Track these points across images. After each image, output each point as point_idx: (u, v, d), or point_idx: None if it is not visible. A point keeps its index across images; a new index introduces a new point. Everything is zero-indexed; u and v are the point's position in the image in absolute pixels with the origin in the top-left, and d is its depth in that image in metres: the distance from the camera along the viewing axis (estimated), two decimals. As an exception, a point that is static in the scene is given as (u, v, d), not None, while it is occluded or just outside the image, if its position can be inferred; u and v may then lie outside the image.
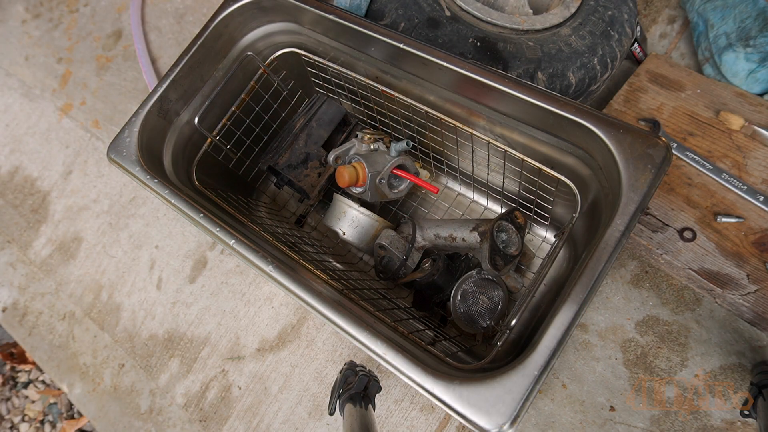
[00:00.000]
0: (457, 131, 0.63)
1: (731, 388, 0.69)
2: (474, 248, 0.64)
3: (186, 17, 1.16)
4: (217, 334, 0.87)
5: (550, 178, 0.58)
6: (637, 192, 0.48)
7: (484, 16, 0.68)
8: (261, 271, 0.55)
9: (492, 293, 0.63)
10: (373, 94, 0.69)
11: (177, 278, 0.93)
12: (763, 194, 0.70)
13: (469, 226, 0.64)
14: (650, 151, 0.49)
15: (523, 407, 0.42)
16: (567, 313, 0.45)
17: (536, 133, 0.59)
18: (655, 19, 0.93)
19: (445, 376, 0.45)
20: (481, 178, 0.72)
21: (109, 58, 1.17)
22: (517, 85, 0.55)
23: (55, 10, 1.28)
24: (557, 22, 0.69)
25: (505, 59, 0.65)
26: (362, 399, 0.69)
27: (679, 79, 0.81)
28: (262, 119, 0.75)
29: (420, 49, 0.59)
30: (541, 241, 0.75)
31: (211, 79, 0.72)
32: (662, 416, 0.69)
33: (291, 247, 0.62)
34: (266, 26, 0.73)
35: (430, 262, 0.68)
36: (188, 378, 0.87)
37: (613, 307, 0.75)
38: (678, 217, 0.71)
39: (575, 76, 0.67)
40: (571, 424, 0.71)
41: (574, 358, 0.74)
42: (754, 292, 0.66)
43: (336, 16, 0.63)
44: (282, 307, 0.86)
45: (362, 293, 0.61)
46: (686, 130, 0.77)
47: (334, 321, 0.50)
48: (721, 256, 0.68)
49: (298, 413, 0.80)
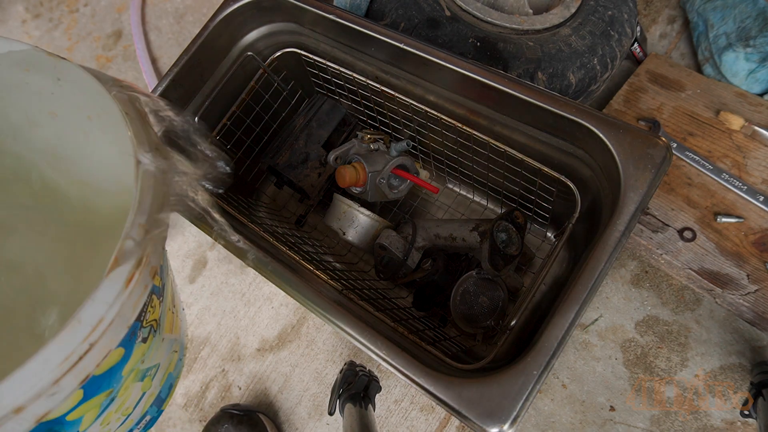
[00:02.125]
0: (457, 131, 0.63)
1: (731, 388, 0.69)
2: (474, 248, 0.64)
3: (186, 17, 1.16)
4: (217, 334, 0.87)
5: (549, 178, 0.58)
6: (637, 192, 0.48)
7: (484, 16, 0.68)
8: (260, 271, 0.55)
9: (492, 293, 0.63)
10: (373, 94, 0.69)
11: (177, 278, 0.93)
12: (763, 194, 0.70)
13: (469, 226, 0.64)
14: (650, 151, 0.49)
15: (523, 407, 0.42)
16: (567, 313, 0.45)
17: (536, 133, 0.59)
18: (655, 19, 0.93)
19: (445, 376, 0.45)
20: (481, 178, 0.72)
21: (109, 58, 1.17)
22: (517, 85, 0.55)
23: (55, 10, 1.28)
24: (557, 22, 0.69)
25: (505, 59, 0.65)
26: (362, 399, 0.69)
27: (679, 79, 0.81)
28: (262, 119, 0.75)
29: (420, 48, 0.59)
30: (541, 241, 0.75)
31: (211, 79, 0.72)
32: (662, 416, 0.69)
33: (291, 247, 0.62)
34: (266, 26, 0.73)
35: (430, 262, 0.68)
36: (188, 378, 0.87)
37: (613, 307, 0.75)
38: (678, 217, 0.71)
39: (575, 76, 0.67)
40: (571, 424, 0.71)
41: (574, 358, 0.74)
42: (754, 292, 0.66)
43: (336, 16, 0.63)
44: (282, 307, 0.86)
45: (362, 293, 0.61)
46: (686, 130, 0.77)
47: (334, 321, 0.50)
48: (721, 256, 0.68)
49: (298, 413, 0.80)
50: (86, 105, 0.33)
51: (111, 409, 0.28)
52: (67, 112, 0.34)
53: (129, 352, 0.28)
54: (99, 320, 0.23)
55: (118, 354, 0.26)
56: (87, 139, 0.35)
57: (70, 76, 0.32)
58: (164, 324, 0.34)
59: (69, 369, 0.22)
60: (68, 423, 0.25)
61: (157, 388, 0.34)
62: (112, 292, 0.24)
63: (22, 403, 0.20)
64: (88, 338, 0.22)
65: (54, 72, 0.32)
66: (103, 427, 0.28)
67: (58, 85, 0.32)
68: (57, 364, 0.21)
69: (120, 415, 0.29)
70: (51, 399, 0.21)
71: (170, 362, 0.36)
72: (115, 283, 0.24)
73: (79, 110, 0.33)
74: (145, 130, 0.30)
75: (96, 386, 0.25)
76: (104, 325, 0.23)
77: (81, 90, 0.32)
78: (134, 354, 0.28)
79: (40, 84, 0.33)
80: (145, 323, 0.29)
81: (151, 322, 0.30)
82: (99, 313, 0.23)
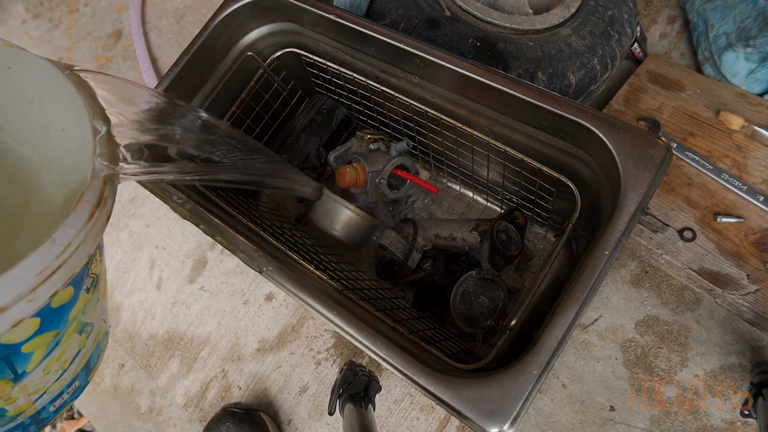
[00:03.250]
0: (457, 131, 0.63)
1: (731, 388, 0.69)
2: (474, 248, 0.64)
3: (186, 17, 1.16)
4: (217, 334, 0.87)
5: (550, 178, 0.59)
6: (637, 192, 0.48)
7: (484, 16, 0.68)
8: (261, 273, 0.55)
9: (492, 293, 0.63)
10: (373, 94, 0.69)
11: (177, 278, 0.93)
12: (763, 194, 0.70)
13: (469, 226, 0.64)
14: (650, 151, 0.49)
15: (523, 407, 0.42)
16: (567, 313, 0.45)
17: (536, 133, 0.59)
18: (655, 19, 0.93)
19: (445, 376, 0.45)
20: (481, 178, 0.72)
21: (109, 58, 1.17)
22: (517, 85, 0.55)
23: (55, 10, 1.28)
24: (557, 22, 0.69)
25: (505, 59, 0.65)
26: (362, 399, 0.69)
27: (679, 79, 0.81)
28: (262, 119, 0.75)
29: (420, 48, 0.59)
30: (541, 241, 0.75)
31: (211, 79, 0.72)
32: (662, 416, 0.69)
33: (291, 247, 0.62)
34: (266, 26, 0.73)
35: (430, 262, 0.68)
36: (188, 378, 0.87)
37: (613, 307, 0.75)
38: (678, 217, 0.71)
39: (575, 76, 0.67)
40: (571, 424, 0.71)
41: (574, 358, 0.74)
42: (754, 292, 0.66)
43: (336, 16, 0.63)
44: (282, 307, 0.86)
45: (362, 293, 0.61)
46: (686, 130, 0.77)
47: (334, 321, 0.50)
48: (721, 256, 0.68)
49: (298, 413, 0.80)
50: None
51: (54, 356, 0.31)
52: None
53: (77, 295, 0.31)
54: (68, 243, 0.26)
55: (69, 293, 0.30)
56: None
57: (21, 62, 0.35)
58: (101, 284, 0.37)
59: (43, 281, 0.25)
60: (22, 355, 0.28)
61: (89, 350, 0.37)
62: (79, 222, 0.27)
63: (5, 303, 0.23)
64: (60, 257, 0.26)
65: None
66: (44, 375, 0.31)
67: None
68: (36, 273, 0.25)
69: (58, 367, 0.32)
70: (28, 305, 0.24)
71: (101, 329, 0.39)
72: (82, 214, 0.27)
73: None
74: (96, 104, 0.34)
75: (49, 320, 0.29)
76: (70, 251, 0.26)
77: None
78: (80, 300, 0.32)
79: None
80: (90, 273, 0.33)
81: (93, 275, 0.34)
82: (69, 237, 0.26)
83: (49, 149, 0.37)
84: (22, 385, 0.30)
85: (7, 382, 0.28)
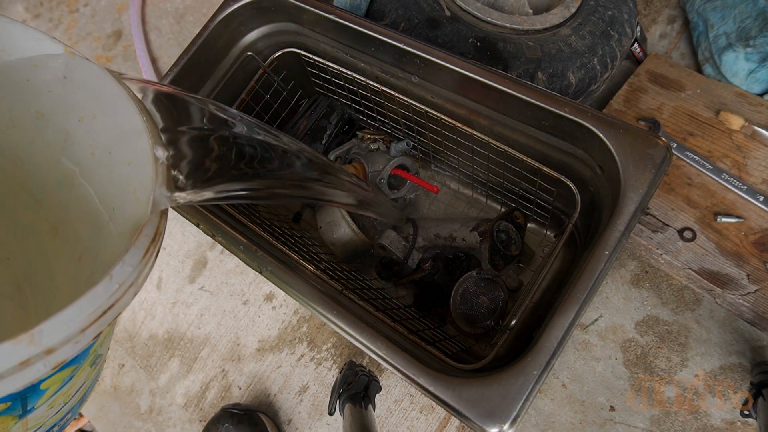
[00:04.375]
0: (457, 131, 0.63)
1: (731, 388, 0.69)
2: (474, 248, 0.64)
3: (186, 17, 1.16)
4: (217, 334, 0.87)
5: (549, 178, 0.58)
6: (637, 192, 0.48)
7: (484, 16, 0.68)
8: (261, 273, 0.55)
9: (492, 293, 0.63)
10: (373, 94, 0.69)
11: (177, 278, 0.93)
12: (763, 194, 0.70)
13: (469, 226, 0.64)
14: (650, 151, 0.49)
15: (523, 407, 0.42)
16: (567, 313, 0.45)
17: (536, 133, 0.59)
18: (655, 19, 0.93)
19: (445, 376, 0.45)
20: (481, 177, 0.72)
21: (109, 58, 1.17)
22: (517, 85, 0.55)
23: (55, 10, 1.28)
24: (557, 22, 0.69)
25: (505, 59, 0.65)
26: (362, 399, 0.69)
27: (679, 79, 0.81)
28: (262, 119, 0.75)
29: (420, 48, 0.59)
30: (540, 241, 0.75)
31: (211, 79, 0.72)
32: (662, 416, 0.69)
33: (291, 247, 0.62)
34: (266, 26, 0.73)
35: (430, 262, 0.68)
36: (188, 378, 0.87)
37: (613, 307, 0.75)
38: (678, 217, 0.71)
39: (575, 76, 0.67)
40: (571, 424, 0.71)
41: (574, 358, 0.74)
42: (754, 292, 0.66)
43: (336, 16, 0.63)
44: (282, 307, 0.86)
45: (362, 293, 0.61)
46: (686, 130, 0.77)
47: (334, 321, 0.50)
48: (721, 256, 0.68)
49: (298, 413, 0.80)
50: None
51: (63, 390, 0.29)
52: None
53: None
54: (122, 282, 0.24)
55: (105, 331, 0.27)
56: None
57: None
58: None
59: (93, 321, 0.23)
60: (39, 391, 0.25)
61: (91, 381, 0.34)
62: (136, 258, 0.25)
63: (54, 344, 0.21)
64: (113, 295, 0.24)
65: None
66: (47, 410, 0.29)
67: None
68: (88, 314, 0.22)
69: (62, 401, 0.30)
70: (73, 347, 0.22)
71: (104, 359, 0.37)
72: (139, 250, 0.25)
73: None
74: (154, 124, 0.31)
75: (75, 357, 0.26)
76: (123, 289, 0.24)
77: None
78: (102, 333, 0.30)
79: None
80: None
81: None
82: (125, 275, 0.24)
83: (93, 172, 0.34)
84: (25, 421, 0.27)
85: (12, 418, 0.26)
